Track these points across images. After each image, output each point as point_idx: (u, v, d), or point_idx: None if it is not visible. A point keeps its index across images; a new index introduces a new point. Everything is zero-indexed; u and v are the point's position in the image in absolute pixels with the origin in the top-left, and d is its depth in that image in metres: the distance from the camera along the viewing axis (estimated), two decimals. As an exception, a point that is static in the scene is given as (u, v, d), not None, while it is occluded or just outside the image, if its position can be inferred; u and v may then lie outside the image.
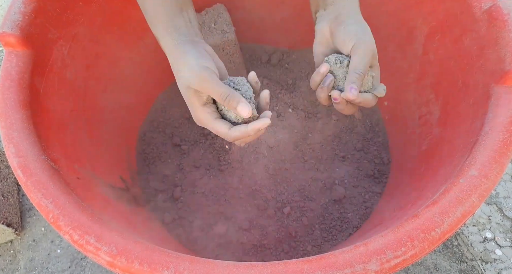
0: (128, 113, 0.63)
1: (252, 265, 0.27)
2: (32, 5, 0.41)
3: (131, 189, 0.54)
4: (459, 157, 0.36)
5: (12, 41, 0.38)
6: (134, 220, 0.46)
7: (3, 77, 0.37)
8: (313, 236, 0.56)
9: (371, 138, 0.65)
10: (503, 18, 0.37)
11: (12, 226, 0.65)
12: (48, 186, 0.31)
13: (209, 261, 0.27)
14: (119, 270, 0.28)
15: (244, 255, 0.55)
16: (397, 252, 0.27)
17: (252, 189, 0.60)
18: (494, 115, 0.34)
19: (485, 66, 0.39)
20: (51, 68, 0.43)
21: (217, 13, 0.64)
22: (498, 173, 0.30)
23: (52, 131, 0.40)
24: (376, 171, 0.61)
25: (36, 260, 0.66)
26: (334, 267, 0.26)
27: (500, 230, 0.66)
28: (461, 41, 0.44)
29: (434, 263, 0.63)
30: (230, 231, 0.57)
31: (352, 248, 0.28)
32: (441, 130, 0.47)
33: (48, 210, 0.30)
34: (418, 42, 0.53)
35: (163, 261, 0.27)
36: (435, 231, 0.28)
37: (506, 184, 0.70)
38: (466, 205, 0.29)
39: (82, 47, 0.50)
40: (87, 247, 0.29)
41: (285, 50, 0.74)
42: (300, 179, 0.60)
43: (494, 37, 0.38)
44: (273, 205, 0.59)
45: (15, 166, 0.32)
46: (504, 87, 0.35)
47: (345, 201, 0.59)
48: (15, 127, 0.34)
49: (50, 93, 0.42)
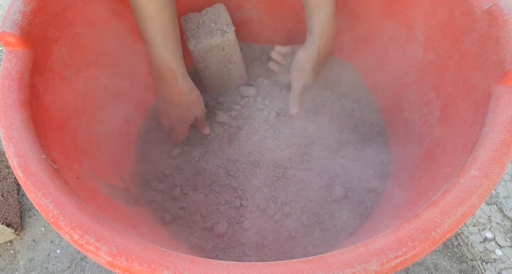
0: (128, 113, 0.63)
1: (252, 265, 0.27)
2: (32, 4, 0.41)
3: (131, 189, 0.54)
4: (460, 157, 0.36)
5: (12, 40, 0.38)
6: (134, 220, 0.46)
7: (3, 76, 0.37)
8: (313, 236, 0.56)
9: (371, 138, 0.65)
10: (504, 18, 0.37)
11: (11, 226, 0.65)
12: (48, 186, 0.31)
13: (209, 261, 0.27)
14: (119, 270, 0.28)
15: (244, 255, 0.55)
16: (398, 252, 0.27)
17: (252, 189, 0.60)
18: (495, 115, 0.34)
19: (486, 66, 0.39)
20: (51, 68, 0.43)
21: (217, 13, 0.64)
22: (499, 173, 0.30)
23: (52, 131, 0.40)
24: (376, 171, 0.61)
25: (36, 260, 0.66)
26: (335, 267, 0.26)
27: (500, 230, 0.66)
28: (461, 41, 0.44)
29: (434, 263, 0.63)
30: (230, 231, 0.57)
31: (353, 248, 0.28)
32: (441, 130, 0.47)
33: (48, 210, 0.30)
34: (418, 42, 0.53)
35: (163, 261, 0.27)
36: (436, 231, 0.28)
37: (506, 184, 0.70)
38: (467, 205, 0.29)
39: (82, 47, 0.50)
40: (87, 247, 0.28)
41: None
42: (300, 179, 0.60)
43: (494, 37, 0.38)
44: (273, 205, 0.59)
45: (15, 166, 0.32)
46: (505, 87, 0.35)
47: (345, 201, 0.59)
48: (14, 126, 0.34)
49: (50, 93, 0.42)
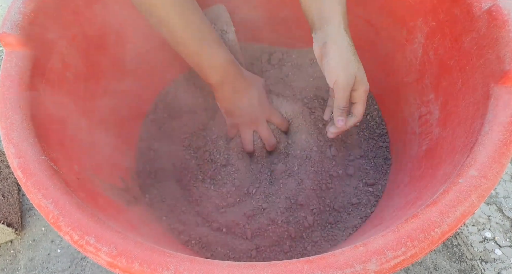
0: (128, 113, 0.63)
1: (252, 265, 0.27)
2: (32, 5, 0.41)
3: (131, 189, 0.54)
4: (459, 157, 0.36)
5: (12, 41, 0.38)
6: (134, 221, 0.46)
7: (3, 77, 0.37)
8: (313, 236, 0.56)
9: (371, 138, 0.65)
10: (503, 18, 0.37)
11: (12, 226, 0.65)
12: (48, 186, 0.31)
13: (209, 261, 0.27)
14: (119, 270, 0.28)
15: (244, 255, 0.55)
16: (397, 252, 0.27)
17: (252, 190, 0.60)
18: (494, 115, 0.34)
19: (485, 66, 0.39)
20: (51, 68, 0.43)
21: (216, 14, 0.64)
22: (498, 173, 0.30)
23: (52, 131, 0.40)
24: (376, 171, 0.61)
25: (36, 259, 0.66)
26: (334, 267, 0.26)
27: (500, 230, 0.66)
28: (461, 41, 0.44)
29: (434, 263, 0.63)
30: (230, 231, 0.57)
31: (352, 248, 0.28)
32: (441, 130, 0.47)
33: (48, 210, 0.30)
34: (418, 42, 0.53)
35: (163, 261, 0.27)
36: (435, 231, 0.28)
37: (506, 184, 0.70)
38: (466, 205, 0.29)
39: (82, 47, 0.50)
40: (87, 247, 0.29)
41: (285, 50, 0.74)
42: (300, 178, 0.60)
43: (494, 37, 0.38)
44: (273, 205, 0.59)
45: (15, 167, 0.32)
46: (504, 87, 0.35)
47: (345, 201, 0.59)
48: (15, 127, 0.34)
49: (50, 93, 0.42)
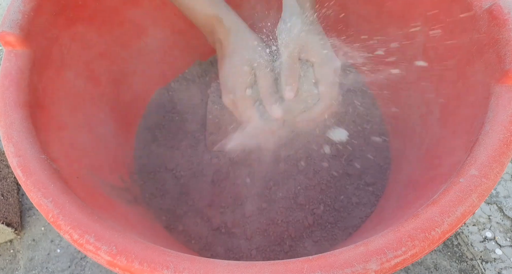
0: (128, 112, 0.63)
1: (252, 265, 0.27)
2: (32, 4, 0.41)
3: (131, 189, 0.54)
4: (459, 157, 0.36)
5: (12, 40, 0.38)
6: (134, 220, 0.46)
7: (3, 76, 0.37)
8: (313, 236, 0.56)
9: (371, 138, 0.65)
10: (504, 17, 0.37)
11: (11, 226, 0.65)
12: (47, 185, 0.31)
13: (209, 261, 0.27)
14: (119, 269, 0.28)
15: (244, 255, 0.55)
16: (397, 252, 0.27)
17: (252, 190, 0.60)
18: (494, 114, 0.34)
19: (485, 65, 0.39)
20: (51, 67, 0.43)
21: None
22: (498, 173, 0.30)
23: (52, 131, 0.40)
24: (376, 171, 0.61)
25: (36, 259, 0.66)
26: (334, 266, 0.26)
27: (500, 230, 0.66)
28: (461, 41, 0.44)
29: (434, 263, 0.63)
30: (230, 231, 0.57)
31: (352, 248, 0.28)
32: (441, 130, 0.47)
33: (47, 209, 0.30)
34: (418, 42, 0.53)
35: (163, 261, 0.27)
36: (435, 230, 0.28)
37: (506, 183, 0.70)
38: (466, 205, 0.29)
39: (82, 47, 0.50)
40: (87, 246, 0.28)
41: (285, 49, 0.74)
42: (299, 178, 0.60)
43: (494, 37, 0.38)
44: (273, 205, 0.59)
45: (14, 166, 0.32)
46: (504, 86, 0.35)
47: (345, 201, 0.59)
48: (14, 126, 0.34)
49: (50, 92, 0.42)
